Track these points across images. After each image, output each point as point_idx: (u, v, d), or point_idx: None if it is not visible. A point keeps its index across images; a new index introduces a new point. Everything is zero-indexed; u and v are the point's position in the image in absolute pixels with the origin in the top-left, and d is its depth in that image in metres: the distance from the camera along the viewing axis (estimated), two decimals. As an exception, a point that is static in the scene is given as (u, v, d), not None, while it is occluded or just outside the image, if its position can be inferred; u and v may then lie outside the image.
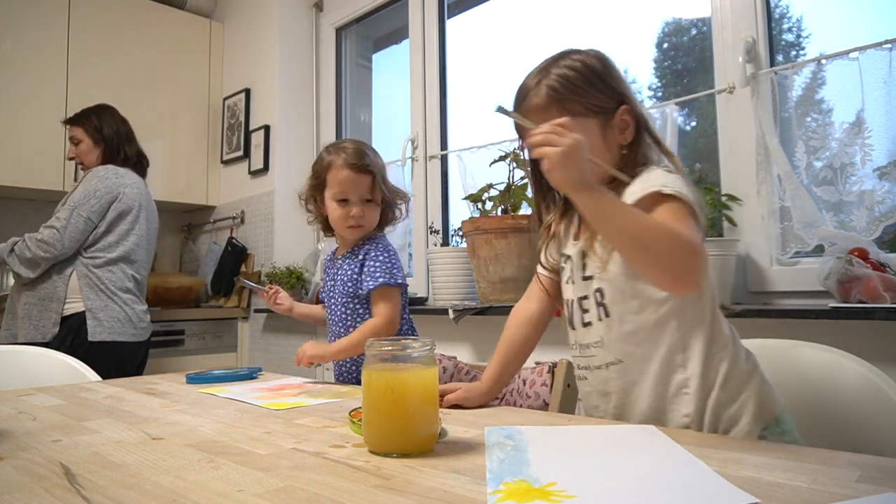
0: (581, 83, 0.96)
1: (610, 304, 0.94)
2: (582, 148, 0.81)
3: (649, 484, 0.62)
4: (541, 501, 0.55)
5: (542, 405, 1.46)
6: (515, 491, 0.58)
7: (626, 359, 0.94)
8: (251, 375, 1.45)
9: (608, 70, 0.99)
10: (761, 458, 0.68)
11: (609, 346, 0.95)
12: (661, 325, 0.91)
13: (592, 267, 0.97)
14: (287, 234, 3.07)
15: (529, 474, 0.63)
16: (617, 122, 0.97)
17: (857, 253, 1.41)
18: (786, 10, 1.83)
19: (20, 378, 1.49)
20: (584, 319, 0.98)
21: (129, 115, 3.07)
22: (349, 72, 3.25)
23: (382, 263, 1.41)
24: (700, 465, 0.66)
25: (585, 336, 0.99)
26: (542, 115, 0.94)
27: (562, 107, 0.95)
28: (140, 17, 3.14)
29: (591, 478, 0.63)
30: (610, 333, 0.95)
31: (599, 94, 0.96)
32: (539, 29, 2.43)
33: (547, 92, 0.96)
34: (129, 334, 2.24)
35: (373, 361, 0.75)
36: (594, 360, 0.97)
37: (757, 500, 0.54)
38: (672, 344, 0.91)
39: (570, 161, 0.80)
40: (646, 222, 0.81)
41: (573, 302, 1.01)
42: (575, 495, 0.56)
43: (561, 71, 0.97)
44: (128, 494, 0.59)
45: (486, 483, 0.60)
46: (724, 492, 0.57)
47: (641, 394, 0.93)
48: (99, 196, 2.21)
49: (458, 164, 2.44)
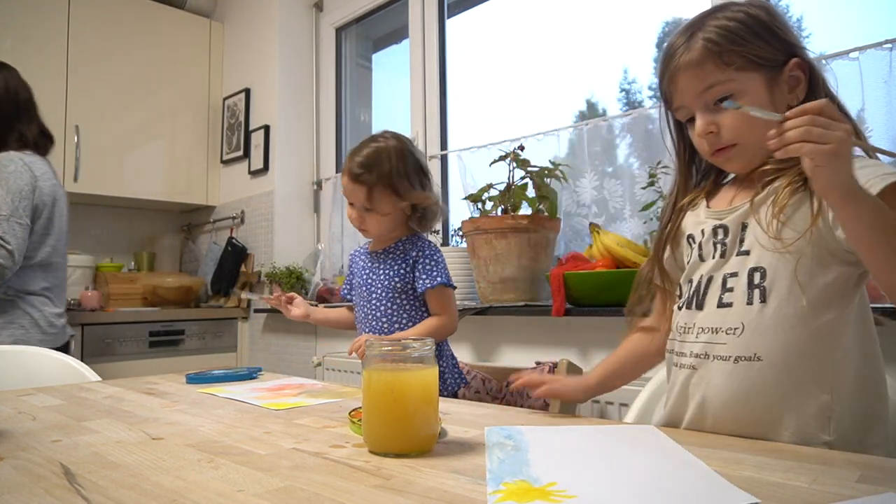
0: (743, 32, 0.82)
1: (770, 289, 0.80)
2: (851, 141, 0.65)
3: (649, 484, 0.62)
4: (541, 501, 0.55)
5: (542, 405, 1.46)
6: (515, 491, 0.58)
7: (768, 358, 0.80)
8: (251, 375, 1.45)
9: (774, 19, 0.85)
10: (761, 459, 0.68)
11: (752, 337, 0.81)
12: (825, 330, 0.79)
13: (755, 241, 0.83)
14: (287, 234, 3.07)
15: (529, 474, 0.63)
16: (786, 77, 0.83)
17: (858, 253, 1.41)
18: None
19: (20, 378, 1.49)
20: (722, 300, 0.84)
21: (129, 115, 3.10)
22: (349, 72, 3.25)
23: (438, 263, 1.46)
24: (700, 464, 0.65)
25: (717, 319, 0.84)
26: (695, 70, 0.83)
27: (720, 59, 0.82)
28: (140, 16, 3.14)
29: (591, 478, 0.63)
30: (761, 322, 0.80)
31: (764, 43, 0.82)
32: (539, 29, 2.43)
33: (703, 44, 0.83)
34: (36, 340, 1.91)
35: (373, 361, 0.75)
36: (720, 350, 0.83)
37: (757, 500, 0.54)
38: (826, 358, 0.79)
39: (841, 161, 0.65)
40: None
41: (709, 279, 0.87)
42: (575, 495, 0.56)
43: (719, 22, 0.83)
44: (128, 494, 0.59)
45: (486, 483, 0.60)
46: (724, 492, 0.57)
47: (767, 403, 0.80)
48: (24, 195, 1.90)
49: (458, 164, 2.44)
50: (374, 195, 1.42)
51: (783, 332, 0.79)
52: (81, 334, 2.60)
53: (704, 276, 0.88)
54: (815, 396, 0.79)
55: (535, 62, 2.44)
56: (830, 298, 0.79)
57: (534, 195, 1.99)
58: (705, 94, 0.85)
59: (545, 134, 2.23)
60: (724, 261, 0.86)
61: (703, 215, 0.93)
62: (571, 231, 2.16)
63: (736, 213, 0.87)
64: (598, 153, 2.10)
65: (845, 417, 0.78)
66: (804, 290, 0.79)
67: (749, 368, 0.81)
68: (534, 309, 1.89)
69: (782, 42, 0.84)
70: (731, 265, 0.85)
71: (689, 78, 0.84)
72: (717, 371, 0.83)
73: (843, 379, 0.79)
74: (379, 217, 1.45)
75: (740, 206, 0.86)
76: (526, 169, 1.98)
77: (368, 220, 1.46)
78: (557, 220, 2.01)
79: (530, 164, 1.99)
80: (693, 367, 0.87)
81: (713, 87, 0.84)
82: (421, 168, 1.48)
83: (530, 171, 1.98)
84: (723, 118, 0.84)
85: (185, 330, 2.93)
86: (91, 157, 2.94)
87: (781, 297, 0.80)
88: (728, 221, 0.87)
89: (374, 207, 1.44)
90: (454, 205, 2.67)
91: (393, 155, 1.43)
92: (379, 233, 1.50)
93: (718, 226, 0.88)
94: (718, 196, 0.94)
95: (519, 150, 2.02)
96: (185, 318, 2.95)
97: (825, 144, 0.64)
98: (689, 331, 0.88)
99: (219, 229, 3.36)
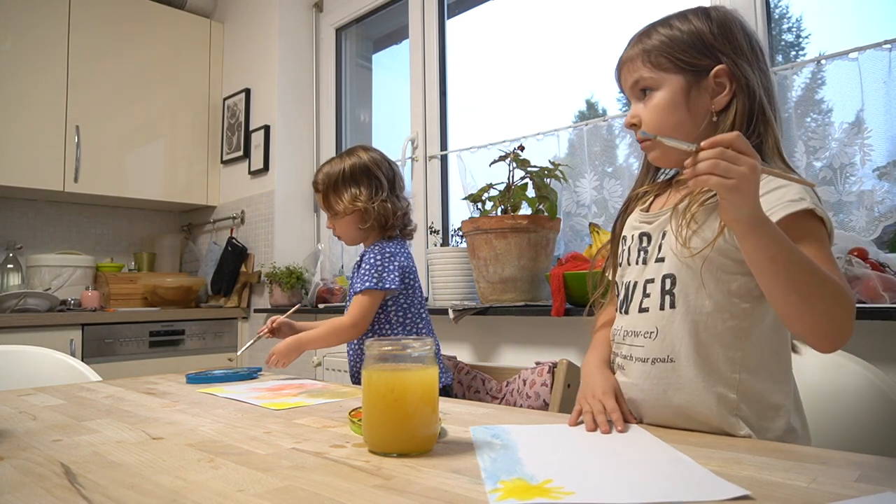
0: (678, 39, 0.87)
1: (679, 295, 0.84)
2: (758, 175, 0.66)
3: (642, 477, 0.63)
4: (542, 499, 0.55)
5: (542, 405, 1.46)
6: (514, 489, 0.58)
7: (679, 359, 0.84)
8: (251, 376, 1.45)
9: (719, 26, 0.87)
10: (761, 458, 0.68)
11: (664, 340, 0.85)
12: (729, 333, 0.82)
13: (669, 249, 0.86)
14: (287, 234, 3.07)
15: (524, 472, 0.63)
16: (710, 83, 0.86)
17: (857, 253, 1.41)
18: (786, 10, 1.83)
19: (20, 378, 1.49)
20: (641, 304, 0.88)
21: (129, 115, 3.10)
22: (349, 72, 3.25)
23: (371, 268, 1.48)
24: (686, 459, 0.67)
25: (637, 323, 0.89)
26: (629, 66, 0.91)
27: (649, 59, 0.88)
28: (140, 17, 3.14)
29: (584, 474, 0.64)
30: (671, 326, 0.85)
31: (693, 50, 0.86)
32: (539, 29, 2.43)
33: (641, 46, 0.90)
34: None
35: (373, 361, 0.75)
36: (639, 352, 0.88)
37: (747, 491, 0.55)
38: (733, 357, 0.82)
39: (744, 196, 0.66)
40: (814, 276, 0.69)
41: (634, 284, 0.91)
42: (573, 491, 0.56)
43: (664, 28, 0.90)
44: (128, 494, 0.59)
45: (483, 482, 0.60)
46: (716, 483, 0.58)
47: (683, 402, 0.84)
48: None
49: (458, 164, 2.44)
50: (328, 199, 1.55)
51: (691, 335, 0.83)
52: (81, 334, 2.60)
53: (630, 282, 0.92)
54: (724, 394, 0.82)
55: (535, 62, 2.44)
56: (736, 304, 0.83)
57: (534, 195, 1.99)
58: (635, 88, 0.92)
59: (545, 134, 2.23)
60: (645, 267, 0.91)
61: (637, 219, 0.97)
62: (571, 231, 2.16)
63: (659, 220, 0.91)
64: (598, 153, 2.10)
65: (753, 411, 0.82)
66: (709, 296, 0.83)
67: (664, 369, 0.85)
68: (534, 309, 1.89)
69: (712, 51, 0.86)
70: (649, 271, 0.89)
71: (624, 73, 0.91)
72: (639, 372, 0.88)
73: (751, 375, 0.82)
74: (342, 222, 1.55)
75: (663, 213, 0.90)
76: (526, 169, 1.98)
77: (337, 226, 1.58)
78: (557, 220, 2.01)
79: (530, 164, 1.99)
80: (621, 368, 0.92)
81: (639, 82, 0.91)
82: (370, 173, 1.54)
83: (530, 171, 1.98)
84: (644, 112, 0.90)
85: (185, 330, 2.93)
86: (91, 157, 2.94)
87: (689, 303, 0.84)
88: (651, 229, 0.91)
89: (333, 210, 1.55)
90: (454, 205, 2.67)
91: (345, 162, 1.55)
92: (351, 238, 1.59)
93: (643, 233, 0.93)
94: (663, 196, 0.97)
95: (519, 150, 2.02)
96: (185, 318, 2.94)
97: (729, 179, 0.66)
98: (618, 333, 0.94)
99: (219, 229, 3.36)
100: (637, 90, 0.91)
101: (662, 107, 0.88)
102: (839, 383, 1.03)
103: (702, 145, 0.67)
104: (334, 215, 1.56)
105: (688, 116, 0.87)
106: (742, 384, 0.82)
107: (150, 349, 2.80)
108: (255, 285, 3.12)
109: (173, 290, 3.09)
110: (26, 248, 3.03)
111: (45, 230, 3.17)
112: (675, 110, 0.87)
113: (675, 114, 0.87)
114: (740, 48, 0.87)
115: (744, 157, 0.66)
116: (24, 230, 3.09)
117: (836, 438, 0.99)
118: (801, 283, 0.70)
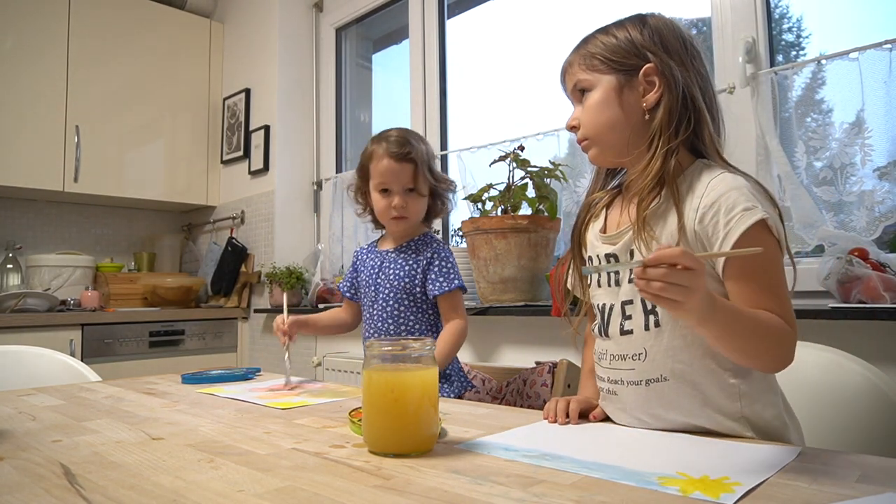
0: (612, 43, 0.91)
1: (663, 313, 0.83)
2: (703, 283, 0.68)
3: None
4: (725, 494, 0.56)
5: (542, 405, 1.46)
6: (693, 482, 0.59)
7: (673, 377, 0.83)
8: (247, 376, 1.44)
9: (651, 29, 0.90)
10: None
11: (654, 360, 0.85)
12: None
13: None
14: (287, 234, 3.07)
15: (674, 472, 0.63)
16: (641, 81, 0.88)
17: (857, 253, 1.41)
18: (786, 10, 1.83)
19: (20, 378, 1.49)
20: (623, 327, 0.88)
21: (129, 115, 3.10)
22: (349, 72, 3.25)
23: (453, 266, 1.44)
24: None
25: (623, 346, 0.88)
26: (568, 69, 0.95)
27: (584, 62, 0.92)
28: (140, 17, 3.14)
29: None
30: (660, 346, 0.84)
31: (624, 51, 0.89)
32: (539, 29, 2.43)
33: (580, 51, 0.94)
34: None
35: (373, 361, 0.75)
36: (630, 375, 0.87)
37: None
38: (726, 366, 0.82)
39: (692, 309, 0.69)
40: (760, 335, 0.74)
41: (610, 307, 0.90)
42: (740, 482, 0.58)
43: (601, 34, 0.93)
44: (128, 494, 0.59)
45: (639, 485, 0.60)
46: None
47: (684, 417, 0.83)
48: None
49: (458, 164, 2.44)
50: (419, 173, 1.41)
51: (681, 352, 0.83)
52: (81, 334, 2.60)
53: (606, 304, 0.91)
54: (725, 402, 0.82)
55: (535, 62, 2.44)
56: None
57: (534, 195, 1.99)
58: (575, 91, 0.95)
59: (545, 134, 2.23)
60: (618, 288, 0.89)
61: (598, 240, 0.96)
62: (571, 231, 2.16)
63: (623, 240, 0.90)
64: (598, 153, 2.10)
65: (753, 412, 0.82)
66: None
67: (659, 388, 0.85)
68: (534, 309, 1.89)
69: (641, 51, 0.89)
70: (624, 292, 0.88)
71: (567, 77, 0.95)
72: (632, 395, 0.87)
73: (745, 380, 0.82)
74: (419, 198, 1.43)
75: (626, 232, 0.89)
76: (526, 169, 1.98)
77: (412, 203, 1.42)
78: (557, 220, 2.01)
79: (530, 164, 1.99)
80: (612, 392, 0.90)
81: (577, 84, 0.94)
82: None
83: (530, 171, 1.98)
84: (581, 114, 0.93)
85: (185, 330, 2.93)
86: (91, 157, 2.94)
87: (673, 321, 0.83)
88: (617, 249, 0.91)
89: (418, 187, 1.42)
90: (454, 205, 2.67)
91: (419, 138, 1.45)
92: (418, 218, 1.47)
93: (609, 253, 0.92)
94: (616, 208, 0.97)
95: (519, 150, 2.02)
96: (185, 319, 2.94)
97: (677, 300, 0.67)
98: (603, 357, 0.92)
99: (219, 229, 3.36)
100: (577, 93, 0.95)
101: (597, 106, 0.91)
102: (839, 383, 1.03)
103: (646, 262, 0.67)
104: (415, 189, 1.42)
105: (621, 114, 0.90)
106: (741, 389, 0.82)
107: (149, 349, 2.80)
108: (255, 285, 3.12)
109: (173, 290, 3.10)
110: (26, 248, 3.03)
111: (45, 230, 3.17)
112: (608, 108, 0.90)
113: (609, 111, 0.90)
114: (671, 49, 0.89)
115: (689, 274, 0.66)
116: (23, 230, 3.09)
117: (837, 438, 0.99)
118: (749, 345, 0.75)
